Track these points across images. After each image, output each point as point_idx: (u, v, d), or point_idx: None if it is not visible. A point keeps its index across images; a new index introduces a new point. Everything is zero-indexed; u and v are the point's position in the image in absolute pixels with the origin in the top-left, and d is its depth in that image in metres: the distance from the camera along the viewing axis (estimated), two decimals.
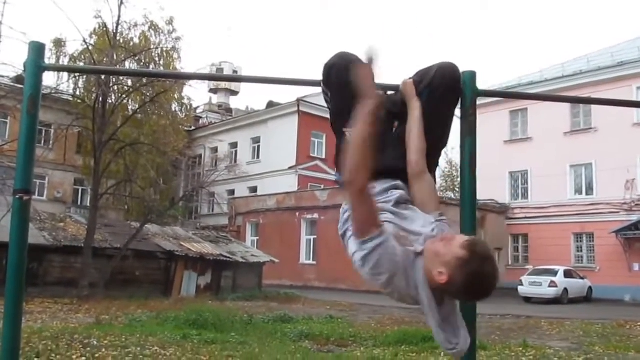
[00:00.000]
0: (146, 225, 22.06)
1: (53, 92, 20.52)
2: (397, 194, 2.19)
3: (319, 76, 2.43)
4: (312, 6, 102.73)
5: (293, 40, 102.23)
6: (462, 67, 2.45)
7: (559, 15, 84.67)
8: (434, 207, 2.19)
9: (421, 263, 1.96)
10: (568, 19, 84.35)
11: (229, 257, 23.02)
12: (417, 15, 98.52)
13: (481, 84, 2.51)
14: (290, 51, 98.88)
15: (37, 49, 2.32)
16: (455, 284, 1.87)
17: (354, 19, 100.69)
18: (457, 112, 2.42)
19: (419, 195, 2.22)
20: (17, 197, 2.21)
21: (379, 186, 2.16)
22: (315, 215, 30.36)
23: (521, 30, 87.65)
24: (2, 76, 20.48)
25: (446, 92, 2.33)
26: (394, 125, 2.39)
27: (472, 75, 2.45)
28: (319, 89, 2.47)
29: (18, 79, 23.82)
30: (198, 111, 47.97)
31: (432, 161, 2.34)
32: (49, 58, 20.31)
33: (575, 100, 12.33)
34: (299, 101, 36.21)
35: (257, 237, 33.79)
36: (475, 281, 1.86)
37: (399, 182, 2.24)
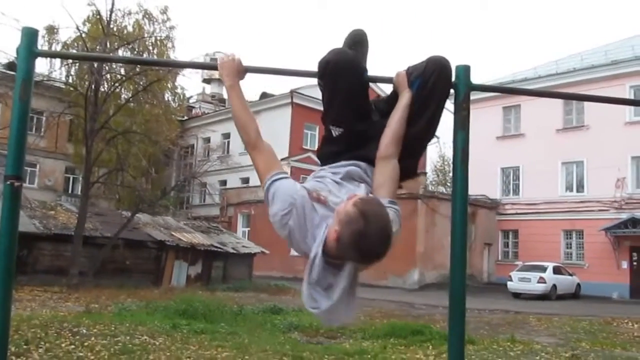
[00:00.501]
0: (137, 215, 22.01)
1: (45, 79, 20.39)
2: (349, 168, 2.24)
3: (312, 67, 2.45)
4: (309, 3, 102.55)
5: (289, 33, 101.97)
6: (457, 62, 2.46)
7: (554, 13, 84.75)
8: (386, 193, 2.16)
9: (328, 222, 1.97)
10: (563, 16, 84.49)
11: (219, 248, 23.03)
12: (412, 10, 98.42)
13: (475, 80, 2.51)
14: (286, 42, 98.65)
15: (29, 35, 2.31)
16: (342, 241, 1.86)
17: (348, 10, 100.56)
18: (450, 106, 2.43)
19: (376, 178, 2.23)
20: (8, 183, 2.20)
21: (342, 162, 2.27)
22: None
23: (516, 27, 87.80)
24: None
25: (437, 82, 2.33)
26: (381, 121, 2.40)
27: (466, 69, 2.45)
28: (313, 81, 2.48)
29: (9, 66, 23.65)
30: (191, 101, 47.76)
31: (411, 152, 2.35)
32: (42, 45, 20.15)
33: (569, 97, 12.39)
34: (292, 93, 36.15)
35: (248, 228, 33.79)
36: (359, 240, 1.82)
37: (361, 163, 2.28)
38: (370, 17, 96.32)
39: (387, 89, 2.43)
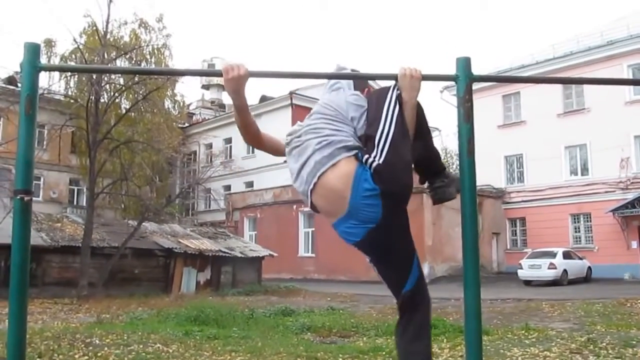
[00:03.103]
0: (144, 224, 22.04)
1: (46, 92, 20.42)
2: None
3: (313, 67, 2.46)
4: (310, 5, 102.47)
5: (289, 33, 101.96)
6: (456, 54, 2.46)
7: None
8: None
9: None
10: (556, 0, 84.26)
11: (227, 253, 23.05)
12: (411, 6, 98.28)
13: (474, 71, 2.51)
14: (286, 43, 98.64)
15: (32, 50, 2.32)
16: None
17: (348, 10, 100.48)
18: (452, 99, 2.43)
19: None
20: (18, 197, 2.21)
21: None
22: None
23: (511, 15, 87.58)
24: None
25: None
26: None
27: (467, 61, 2.45)
28: (312, 82, 2.54)
29: (10, 80, 23.71)
30: (191, 108, 47.79)
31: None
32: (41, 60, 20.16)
33: (569, 81, 12.37)
34: (291, 94, 36.14)
35: (255, 232, 33.81)
36: None
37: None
38: (370, 12, 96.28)
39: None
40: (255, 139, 2.75)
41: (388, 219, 2.38)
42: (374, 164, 2.32)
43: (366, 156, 2.35)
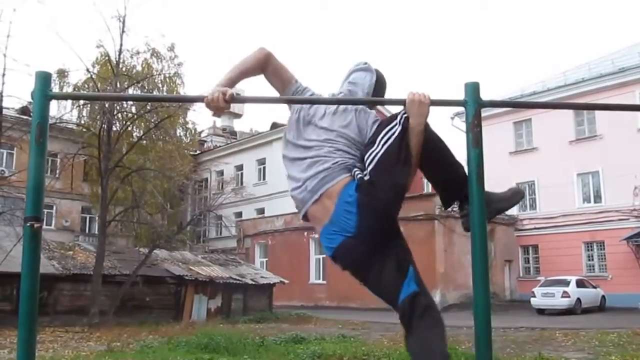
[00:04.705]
0: (155, 251, 22.05)
1: (58, 121, 20.66)
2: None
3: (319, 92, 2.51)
4: (311, 4, 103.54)
5: (290, 34, 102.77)
6: (465, 79, 2.47)
7: (558, 24, 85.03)
8: None
9: None
10: (567, 27, 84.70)
11: (238, 280, 22.97)
12: (422, 31, 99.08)
13: (484, 97, 2.52)
14: (287, 43, 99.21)
15: (43, 78, 2.35)
16: None
17: (349, 11, 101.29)
18: (462, 125, 2.45)
19: None
20: (28, 224, 2.22)
21: None
22: None
23: (521, 42, 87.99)
24: (8, 108, 20.60)
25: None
26: None
27: (475, 86, 2.46)
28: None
29: (23, 111, 24.02)
30: (203, 135, 48.12)
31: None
32: (53, 88, 20.40)
33: (581, 107, 12.35)
34: None
35: (266, 259, 33.73)
36: None
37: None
38: (378, 39, 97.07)
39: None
40: (261, 71, 2.69)
41: (364, 231, 2.44)
42: (359, 176, 2.47)
43: (357, 171, 2.50)
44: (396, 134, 2.47)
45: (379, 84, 2.87)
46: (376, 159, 2.46)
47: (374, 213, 2.44)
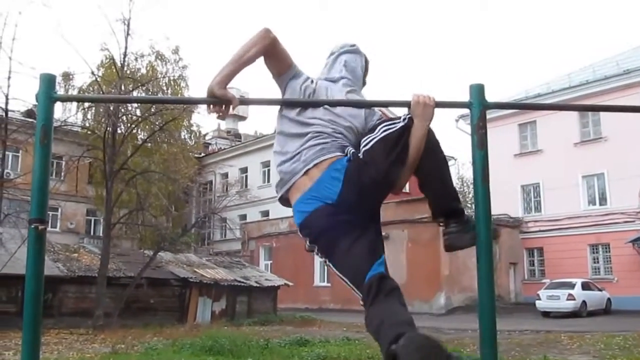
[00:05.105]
0: (159, 253, 22.07)
1: (63, 124, 20.72)
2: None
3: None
4: (311, 4, 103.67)
5: (291, 34, 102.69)
6: (469, 82, 2.46)
7: (563, 26, 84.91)
8: None
9: None
10: (572, 29, 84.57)
11: (243, 282, 22.99)
12: (427, 33, 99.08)
13: (488, 99, 2.50)
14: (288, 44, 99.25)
15: (48, 81, 2.36)
16: None
17: (350, 11, 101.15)
18: (466, 128, 2.44)
19: None
20: (33, 226, 2.22)
21: None
22: None
23: (525, 45, 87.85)
24: (13, 110, 20.70)
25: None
26: None
27: (480, 87, 2.45)
28: None
29: (28, 114, 24.09)
30: (207, 138, 48.19)
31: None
32: (57, 91, 20.45)
33: (586, 109, 12.30)
34: None
35: (271, 261, 33.72)
36: None
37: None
38: (379, 33, 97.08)
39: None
40: (261, 56, 2.55)
41: (345, 201, 2.37)
42: (353, 152, 2.45)
43: (351, 149, 2.48)
44: (397, 127, 2.43)
45: (367, 68, 2.87)
46: (372, 142, 2.43)
47: (360, 186, 2.37)
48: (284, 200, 2.61)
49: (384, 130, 2.45)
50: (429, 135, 2.45)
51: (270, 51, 2.52)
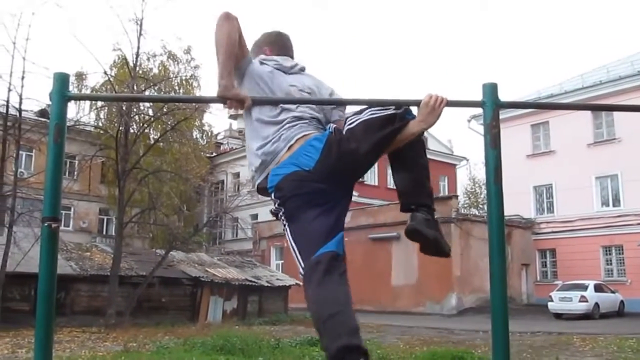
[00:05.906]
0: (171, 252, 22.16)
1: (76, 124, 20.85)
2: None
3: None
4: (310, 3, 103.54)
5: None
6: (483, 80, 2.45)
7: (576, 27, 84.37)
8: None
9: None
10: (585, 29, 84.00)
11: (254, 282, 23.02)
12: (440, 33, 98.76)
13: (501, 99, 2.49)
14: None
15: (61, 80, 2.37)
16: None
17: (350, 12, 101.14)
18: (481, 129, 2.42)
19: None
20: (46, 224, 2.23)
21: None
22: None
23: (538, 45, 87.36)
24: (27, 110, 20.85)
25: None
26: None
27: (494, 87, 2.44)
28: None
29: (42, 113, 24.25)
30: (219, 137, 48.33)
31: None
32: (71, 91, 20.61)
33: (601, 108, 12.21)
34: None
35: (282, 261, 33.72)
36: None
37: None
38: (394, 33, 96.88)
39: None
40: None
41: (321, 170, 2.36)
42: (335, 127, 2.48)
43: (332, 125, 2.52)
44: (386, 112, 2.44)
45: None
46: (357, 122, 2.43)
47: (338, 156, 2.36)
48: (262, 190, 2.57)
49: (372, 113, 2.45)
50: (419, 137, 2.50)
51: (240, 31, 2.54)
